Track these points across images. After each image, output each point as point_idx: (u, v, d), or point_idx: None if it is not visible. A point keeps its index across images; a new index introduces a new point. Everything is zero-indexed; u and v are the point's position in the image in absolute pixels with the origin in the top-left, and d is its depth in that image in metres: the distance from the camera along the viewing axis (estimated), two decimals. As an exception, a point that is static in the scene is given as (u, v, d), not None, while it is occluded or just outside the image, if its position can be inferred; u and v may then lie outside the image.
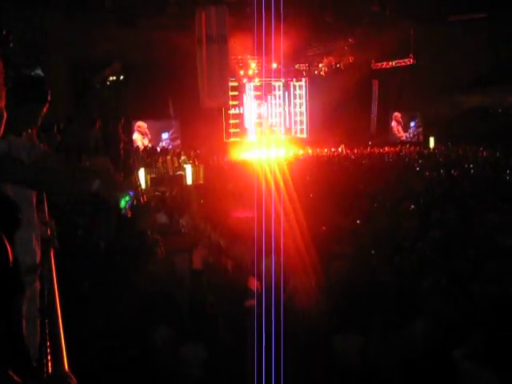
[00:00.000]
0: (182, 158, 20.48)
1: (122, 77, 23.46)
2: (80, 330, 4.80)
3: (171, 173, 19.20)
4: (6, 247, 2.08)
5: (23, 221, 2.71)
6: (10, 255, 2.11)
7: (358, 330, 5.70)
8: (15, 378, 1.87)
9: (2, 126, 2.28)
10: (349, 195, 13.69)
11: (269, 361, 4.87)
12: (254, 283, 7.10)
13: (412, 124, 32.73)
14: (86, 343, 5.15)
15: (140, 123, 27.05)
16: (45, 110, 3.20)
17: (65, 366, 2.29)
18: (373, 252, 8.27)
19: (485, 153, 23.03)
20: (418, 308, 6.11)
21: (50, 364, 2.53)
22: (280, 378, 4.68)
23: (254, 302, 6.61)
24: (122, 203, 3.19)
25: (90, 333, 5.50)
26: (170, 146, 26.87)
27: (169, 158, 20.44)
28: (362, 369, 5.36)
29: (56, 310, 2.71)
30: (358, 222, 10.73)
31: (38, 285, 2.96)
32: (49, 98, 3.21)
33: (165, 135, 27.89)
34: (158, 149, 24.71)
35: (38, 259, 2.97)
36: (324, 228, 9.76)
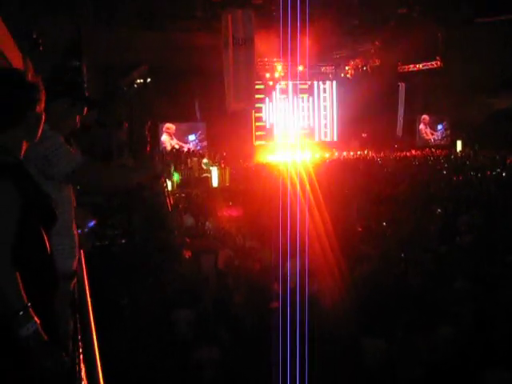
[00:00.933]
0: (204, 160, 20.59)
1: (149, 79, 23.65)
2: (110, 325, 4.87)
3: (197, 175, 19.33)
4: (45, 239, 2.16)
5: (61, 228, 2.79)
6: (47, 246, 2.19)
7: (383, 332, 5.69)
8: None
9: (40, 129, 2.36)
10: (375, 198, 13.67)
11: (294, 362, 4.89)
12: (279, 285, 7.12)
13: (440, 127, 32.50)
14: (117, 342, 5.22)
15: (168, 125, 27.24)
16: (84, 111, 3.24)
17: (97, 363, 2.36)
18: (402, 255, 8.25)
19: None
20: (444, 312, 6.09)
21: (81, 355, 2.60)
22: (305, 380, 4.69)
23: (279, 303, 6.64)
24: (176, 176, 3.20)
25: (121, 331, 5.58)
26: (199, 147, 27.03)
27: (195, 159, 20.57)
28: (386, 371, 5.35)
29: (87, 305, 2.78)
30: (384, 224, 10.70)
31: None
32: (87, 99, 3.25)
33: (192, 137, 28.01)
34: (185, 149, 24.89)
35: (75, 266, 3.00)
36: (350, 230, 9.76)
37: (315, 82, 31.77)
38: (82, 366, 2.65)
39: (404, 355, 5.41)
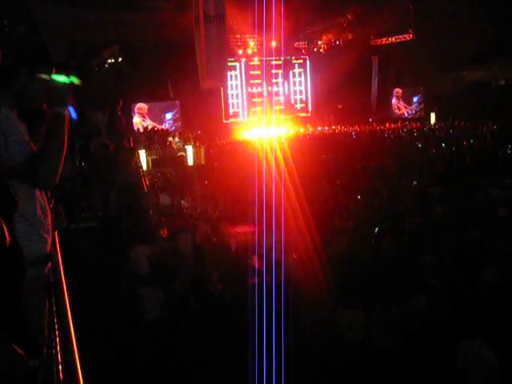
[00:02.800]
0: (176, 139, 20.49)
1: (120, 59, 23.36)
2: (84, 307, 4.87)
3: (172, 154, 19.24)
4: (3, 228, 2.12)
5: (27, 211, 2.76)
6: (6, 237, 2.16)
7: (360, 304, 5.77)
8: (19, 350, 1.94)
9: None
10: (350, 172, 13.76)
11: (271, 337, 4.94)
12: (256, 261, 7.16)
13: (415, 99, 32.64)
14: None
15: (140, 105, 27.01)
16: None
17: (73, 344, 2.37)
18: (376, 229, 8.32)
19: (485, 127, 22.94)
20: (418, 284, 6.19)
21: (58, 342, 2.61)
22: (282, 354, 4.75)
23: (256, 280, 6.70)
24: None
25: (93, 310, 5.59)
26: (174, 127, 26.87)
27: (170, 139, 20.45)
28: (364, 343, 5.44)
29: (62, 286, 2.78)
30: (358, 197, 10.77)
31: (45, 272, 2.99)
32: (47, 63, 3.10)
33: (168, 115, 27.82)
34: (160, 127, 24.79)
35: (47, 250, 2.96)
36: (325, 204, 9.82)
37: (288, 58, 31.64)
38: (59, 348, 2.66)
39: (380, 325, 5.50)
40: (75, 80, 3.00)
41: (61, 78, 2.92)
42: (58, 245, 3.14)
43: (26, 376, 2.03)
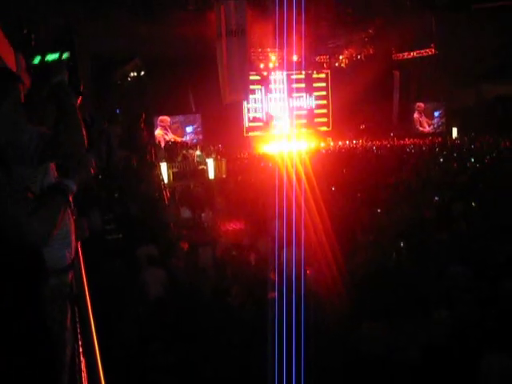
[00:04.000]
0: (197, 153, 20.54)
1: (143, 72, 23.62)
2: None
3: (193, 167, 19.29)
4: None
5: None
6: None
7: (382, 317, 5.74)
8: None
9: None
10: (371, 186, 13.70)
11: (290, 351, 4.93)
12: (275, 275, 7.16)
13: (436, 114, 32.45)
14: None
15: (163, 118, 27.20)
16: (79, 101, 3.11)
17: (96, 355, 2.38)
18: (401, 244, 8.28)
19: (508, 143, 22.78)
20: (441, 298, 6.14)
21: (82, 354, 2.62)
22: (301, 368, 4.73)
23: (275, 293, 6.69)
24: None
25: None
26: (195, 140, 27.00)
27: (191, 151, 20.51)
28: (386, 356, 5.39)
29: (85, 298, 2.80)
30: (378, 211, 10.73)
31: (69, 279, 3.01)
32: (81, 87, 3.12)
33: (189, 129, 27.98)
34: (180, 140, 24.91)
35: (70, 259, 2.97)
36: (346, 219, 9.79)
37: (310, 72, 31.69)
38: (82, 358, 2.68)
39: (401, 339, 5.45)
40: (66, 56, 2.99)
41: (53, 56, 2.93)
42: (80, 255, 3.17)
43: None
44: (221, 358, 5.54)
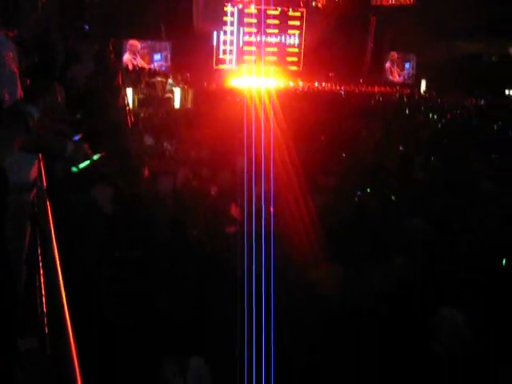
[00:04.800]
0: (170, 81, 20.20)
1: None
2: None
3: (159, 95, 18.99)
4: None
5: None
6: None
7: (339, 261, 5.81)
8: None
9: None
10: (336, 130, 13.74)
11: (250, 289, 4.95)
12: (236, 210, 7.15)
13: (407, 65, 32.41)
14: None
15: (133, 42, 26.44)
16: None
17: (59, 275, 2.32)
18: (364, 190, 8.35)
19: (474, 100, 23.08)
20: (398, 246, 6.25)
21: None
22: (262, 308, 4.76)
23: (235, 228, 6.70)
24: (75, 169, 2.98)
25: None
26: (163, 68, 26.43)
27: (158, 79, 20.14)
28: (341, 299, 5.48)
29: (47, 217, 2.72)
30: (343, 155, 10.79)
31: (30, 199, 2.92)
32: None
33: (157, 56, 27.32)
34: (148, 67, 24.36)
35: (33, 176, 2.87)
36: (311, 160, 9.79)
37: (285, 9, 31.06)
38: (42, 278, 2.62)
39: (356, 284, 5.54)
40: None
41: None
42: (43, 175, 3.07)
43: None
44: (176, 288, 5.54)
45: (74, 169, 2.96)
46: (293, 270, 5.63)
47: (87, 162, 2.99)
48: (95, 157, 3.02)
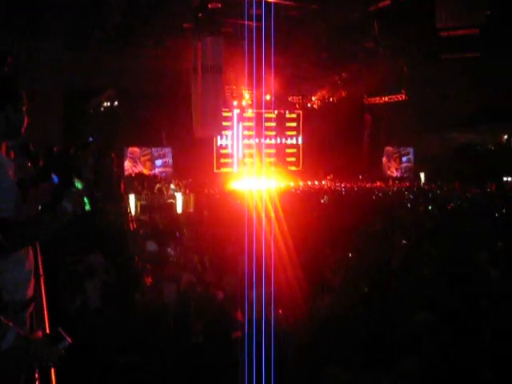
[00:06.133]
0: (172, 186, 20.52)
1: (116, 103, 23.53)
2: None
3: (161, 201, 19.21)
4: None
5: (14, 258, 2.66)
6: None
7: (345, 363, 5.64)
8: None
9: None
10: (338, 228, 13.71)
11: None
12: (242, 314, 7.04)
13: (404, 159, 32.97)
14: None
15: (133, 149, 27.08)
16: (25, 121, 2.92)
17: None
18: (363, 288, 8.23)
19: (472, 190, 23.34)
20: (407, 345, 6.08)
21: None
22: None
23: (241, 333, 6.56)
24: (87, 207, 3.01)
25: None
26: (164, 174, 26.90)
27: (159, 185, 20.44)
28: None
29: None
30: (350, 255, 10.72)
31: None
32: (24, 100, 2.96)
33: (159, 162, 27.90)
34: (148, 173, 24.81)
35: (30, 294, 2.83)
36: (315, 260, 9.73)
37: (282, 112, 31.97)
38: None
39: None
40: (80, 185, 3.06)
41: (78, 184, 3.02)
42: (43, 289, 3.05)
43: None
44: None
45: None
46: (297, 376, 5.47)
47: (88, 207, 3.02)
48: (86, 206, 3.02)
